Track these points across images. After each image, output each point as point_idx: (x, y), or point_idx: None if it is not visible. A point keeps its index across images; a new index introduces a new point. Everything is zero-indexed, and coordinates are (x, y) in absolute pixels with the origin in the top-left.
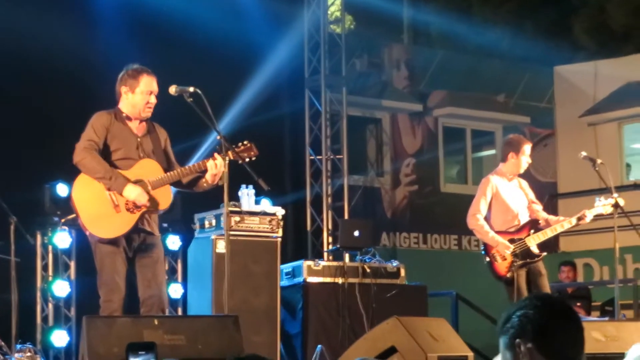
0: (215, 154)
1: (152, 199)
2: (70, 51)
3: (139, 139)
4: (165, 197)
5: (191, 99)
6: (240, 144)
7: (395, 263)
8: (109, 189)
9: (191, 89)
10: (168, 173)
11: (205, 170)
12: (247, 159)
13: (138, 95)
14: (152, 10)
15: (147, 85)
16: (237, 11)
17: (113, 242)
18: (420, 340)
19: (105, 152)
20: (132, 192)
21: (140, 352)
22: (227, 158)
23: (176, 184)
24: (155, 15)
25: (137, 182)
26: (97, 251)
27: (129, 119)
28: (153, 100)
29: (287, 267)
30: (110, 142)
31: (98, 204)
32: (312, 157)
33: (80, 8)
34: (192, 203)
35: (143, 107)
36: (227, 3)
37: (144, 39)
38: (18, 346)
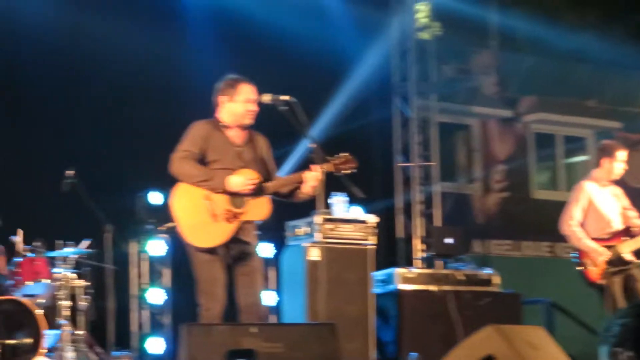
0: (313, 165)
1: (250, 209)
2: (163, 61)
3: (237, 149)
4: (263, 207)
5: (284, 108)
6: (338, 155)
7: (488, 270)
8: (212, 190)
9: (285, 98)
10: (270, 182)
11: (301, 182)
12: (346, 172)
13: (238, 104)
14: (242, 19)
15: (247, 93)
16: (326, 19)
17: (211, 250)
18: (518, 349)
19: (202, 163)
20: (236, 182)
21: None
22: (323, 167)
23: (274, 193)
24: (245, 24)
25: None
26: (195, 259)
27: (228, 128)
28: (253, 107)
29: (380, 274)
30: (208, 152)
31: (196, 213)
32: (402, 165)
33: (172, 19)
34: (284, 211)
35: (244, 115)
36: (316, 11)
37: (235, 48)
38: (115, 353)
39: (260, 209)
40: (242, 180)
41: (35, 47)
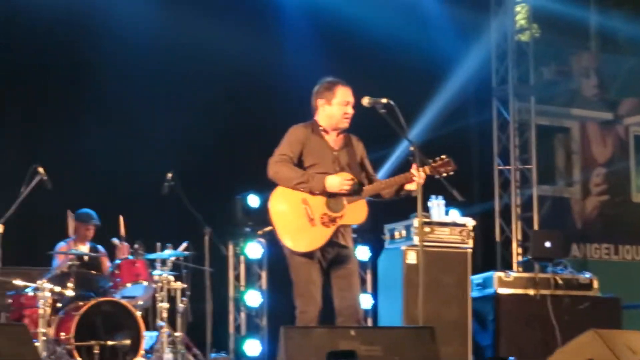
0: (415, 166)
1: (348, 212)
2: (263, 64)
3: (335, 153)
4: (361, 211)
5: (384, 111)
6: (437, 158)
7: (587, 274)
8: (310, 192)
9: (384, 101)
10: (364, 187)
11: (403, 184)
12: (445, 174)
13: (335, 107)
14: (340, 22)
15: (344, 95)
16: (424, 22)
17: (308, 253)
18: (619, 354)
19: (300, 167)
20: (334, 182)
21: None
22: (422, 170)
23: (374, 196)
24: (344, 27)
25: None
26: (292, 262)
27: (326, 132)
28: (350, 110)
29: (478, 278)
30: (306, 156)
31: (294, 217)
32: (500, 167)
33: (269, 23)
34: (381, 214)
35: (341, 118)
36: (414, 14)
37: (333, 51)
38: (213, 355)
39: (357, 213)
40: (339, 179)
41: (134, 48)
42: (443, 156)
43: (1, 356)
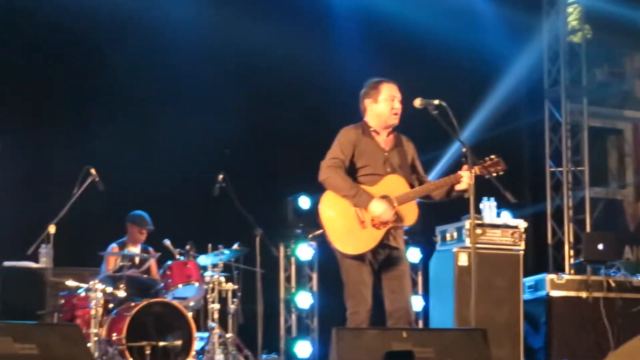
0: (466, 167)
1: (398, 215)
2: (314, 66)
3: (386, 154)
4: (411, 212)
5: (436, 112)
6: (487, 158)
7: None
8: (354, 206)
9: (436, 102)
10: (414, 188)
11: (453, 184)
12: (494, 174)
13: (382, 104)
14: (391, 24)
15: (389, 91)
16: (475, 23)
17: (359, 256)
18: None
19: (351, 169)
20: (378, 208)
21: None
22: (473, 170)
23: (425, 197)
24: (395, 28)
25: (383, 197)
26: (343, 264)
27: (377, 132)
28: (397, 105)
29: (530, 280)
30: (358, 158)
31: (344, 220)
32: (552, 169)
33: (320, 24)
34: (432, 215)
35: (389, 115)
36: (467, 14)
37: (384, 53)
38: (264, 356)
39: (408, 215)
40: (384, 208)
41: (183, 50)
42: (493, 156)
43: (54, 356)
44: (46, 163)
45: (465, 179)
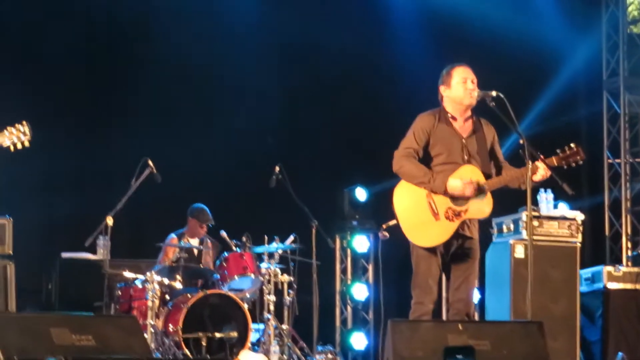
0: (542, 158)
1: (472, 207)
2: (370, 58)
3: (463, 140)
4: (486, 204)
5: (493, 103)
6: (566, 147)
7: None
8: (432, 192)
9: (494, 93)
10: (490, 180)
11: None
12: (574, 164)
13: (454, 87)
14: (448, 16)
15: (461, 73)
16: (534, 14)
17: (431, 247)
18: None
19: (427, 157)
20: (456, 184)
21: (457, 357)
22: (529, 162)
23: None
24: (452, 20)
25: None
26: (414, 253)
27: (454, 118)
28: (471, 86)
29: (586, 272)
30: (433, 146)
31: (418, 212)
32: (610, 161)
33: (378, 16)
34: None
35: (463, 95)
36: (523, 6)
37: (444, 44)
38: (319, 348)
39: (482, 206)
40: (461, 184)
41: (241, 43)
42: (572, 144)
43: (111, 347)
44: (104, 155)
45: (542, 170)
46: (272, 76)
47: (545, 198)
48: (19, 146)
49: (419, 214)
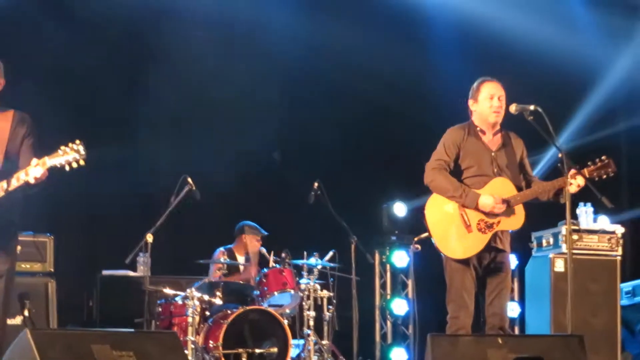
0: (573, 171)
1: (505, 218)
2: (407, 73)
3: (493, 154)
4: (518, 216)
5: (531, 117)
6: (597, 160)
7: None
8: (463, 206)
9: (532, 107)
10: (522, 192)
11: (560, 188)
12: (604, 176)
13: (481, 102)
14: (486, 30)
15: (488, 89)
16: (572, 28)
17: (464, 260)
18: None
19: (457, 170)
20: (488, 202)
21: None
22: (569, 176)
23: (532, 200)
24: (491, 34)
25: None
26: (447, 267)
27: (483, 132)
28: (496, 103)
29: (627, 286)
30: (463, 159)
31: (450, 224)
32: None
33: (417, 32)
34: (528, 221)
35: (489, 112)
36: (562, 20)
37: (481, 59)
38: None
39: (514, 218)
40: (492, 202)
41: (284, 59)
42: (603, 157)
43: None
44: (143, 173)
45: (575, 182)
46: (311, 94)
47: (585, 211)
48: (74, 165)
49: (452, 226)
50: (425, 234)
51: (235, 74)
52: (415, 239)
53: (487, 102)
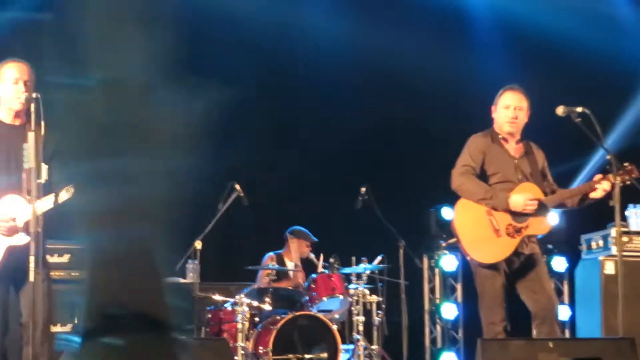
0: (601, 175)
1: (532, 223)
2: (454, 75)
3: (516, 161)
4: (546, 220)
5: (579, 119)
6: (626, 164)
7: None
8: (493, 208)
9: (579, 109)
10: (550, 196)
11: (587, 192)
12: (629, 182)
13: (499, 111)
14: (531, 32)
15: (505, 99)
16: (618, 29)
17: (493, 265)
18: None
19: (482, 177)
20: (519, 201)
21: None
22: (618, 178)
23: (558, 206)
24: (535, 36)
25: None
26: (477, 274)
27: (505, 140)
28: (511, 113)
29: None
30: (488, 165)
31: (479, 228)
32: None
33: (461, 34)
34: (577, 224)
35: (503, 122)
36: (608, 21)
37: (527, 61)
38: None
39: (542, 223)
40: (523, 200)
41: (328, 61)
42: (626, 164)
43: None
44: (190, 179)
45: (601, 187)
46: (358, 97)
47: (635, 213)
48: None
49: (480, 231)
50: (454, 239)
51: (282, 81)
52: (444, 244)
53: (503, 111)
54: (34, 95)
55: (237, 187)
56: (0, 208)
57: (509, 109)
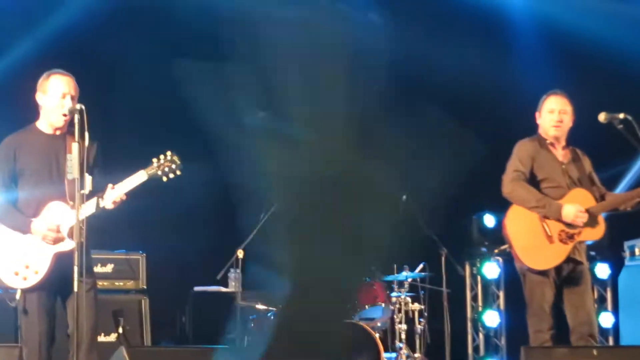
0: None
1: (586, 229)
2: (496, 81)
3: (564, 166)
4: (599, 227)
5: (621, 126)
6: None
7: None
8: (545, 217)
9: (621, 116)
10: (604, 201)
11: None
12: None
13: (543, 116)
14: (573, 37)
15: (548, 104)
16: None
17: (543, 272)
18: None
19: (532, 182)
20: (571, 212)
21: None
22: None
23: (611, 211)
24: (576, 42)
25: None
26: (526, 281)
27: (553, 145)
28: (556, 117)
29: None
30: (537, 171)
31: (531, 235)
32: None
33: (502, 40)
34: (620, 230)
35: (547, 126)
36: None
37: (567, 67)
38: None
39: (595, 229)
40: (575, 211)
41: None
42: None
43: None
44: (233, 188)
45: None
46: (397, 101)
47: None
48: (171, 175)
49: (533, 237)
50: (506, 246)
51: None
52: (496, 250)
53: (548, 115)
54: (77, 107)
55: None
56: (46, 216)
57: (554, 113)
